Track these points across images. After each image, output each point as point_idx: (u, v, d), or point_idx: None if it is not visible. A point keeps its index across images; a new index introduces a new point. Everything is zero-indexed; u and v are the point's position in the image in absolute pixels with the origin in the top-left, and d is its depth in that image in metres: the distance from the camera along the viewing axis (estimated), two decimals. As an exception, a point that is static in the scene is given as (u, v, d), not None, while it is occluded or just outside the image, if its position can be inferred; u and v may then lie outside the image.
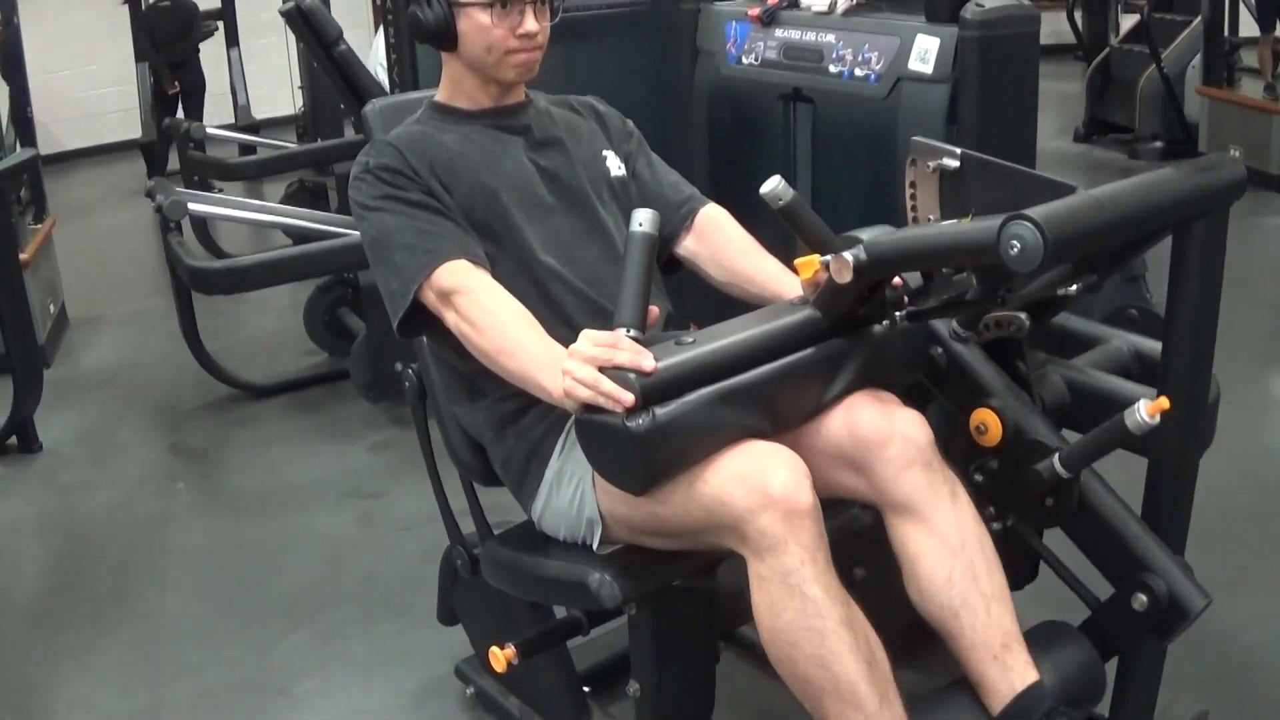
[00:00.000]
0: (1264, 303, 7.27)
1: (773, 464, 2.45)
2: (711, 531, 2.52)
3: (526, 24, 2.94)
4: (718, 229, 3.18)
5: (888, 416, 2.67)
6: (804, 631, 2.42)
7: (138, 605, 4.56)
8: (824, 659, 2.42)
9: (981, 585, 2.60)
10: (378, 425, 6.08)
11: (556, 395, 2.53)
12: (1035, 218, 2.12)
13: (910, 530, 2.64)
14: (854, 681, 2.41)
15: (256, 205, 7.14)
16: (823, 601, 2.42)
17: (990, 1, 3.45)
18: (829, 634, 2.41)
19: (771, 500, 2.40)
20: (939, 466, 2.67)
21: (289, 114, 13.04)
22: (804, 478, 2.46)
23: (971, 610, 2.58)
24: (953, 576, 2.60)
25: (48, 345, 7.26)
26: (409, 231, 2.82)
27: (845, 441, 2.68)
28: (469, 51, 2.99)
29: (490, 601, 3.30)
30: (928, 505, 2.63)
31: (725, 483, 2.45)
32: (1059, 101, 12.55)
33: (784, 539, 2.41)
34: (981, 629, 2.57)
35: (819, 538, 2.44)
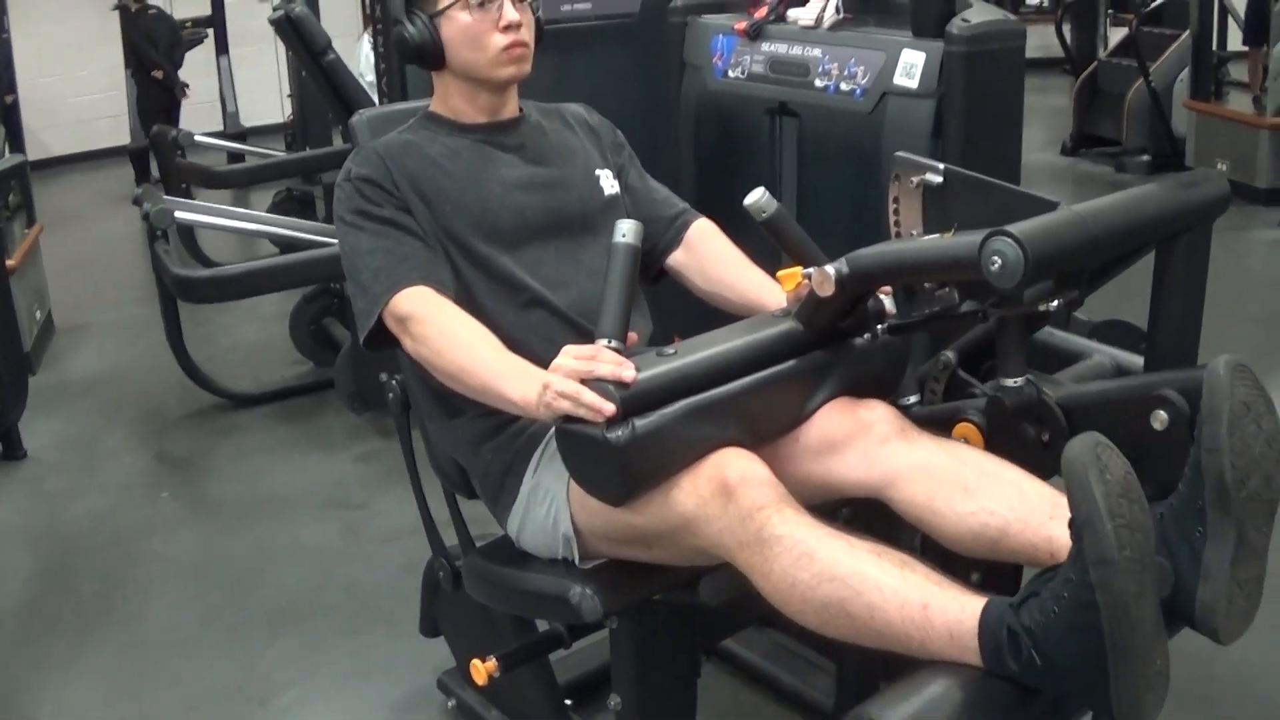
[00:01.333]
0: (1249, 317, 7.29)
1: (730, 457, 2.45)
2: (687, 537, 2.50)
3: (506, 14, 2.93)
4: (706, 241, 3.18)
5: (853, 411, 2.66)
6: (816, 570, 2.27)
7: (121, 613, 4.55)
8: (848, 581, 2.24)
9: (1004, 475, 2.49)
10: (362, 436, 6.07)
11: (522, 403, 2.53)
12: (1016, 234, 2.12)
13: (914, 488, 2.53)
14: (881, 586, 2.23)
15: (243, 214, 7.15)
16: (819, 538, 2.30)
17: (976, 16, 3.45)
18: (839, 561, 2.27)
19: (733, 485, 2.38)
20: (914, 431, 2.62)
21: (278, 122, 13.05)
22: (760, 464, 2.45)
23: (1005, 499, 2.45)
24: (969, 485, 2.48)
25: (34, 352, 7.25)
26: (378, 253, 2.82)
27: (816, 435, 2.67)
28: (459, 58, 2.98)
29: (472, 614, 3.29)
30: (917, 459, 2.55)
31: (700, 484, 2.44)
32: (1047, 115, 12.58)
33: (758, 506, 2.35)
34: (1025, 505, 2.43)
35: (783, 497, 2.38)
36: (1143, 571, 1.98)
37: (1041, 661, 2.04)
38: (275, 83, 13.69)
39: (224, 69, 13.20)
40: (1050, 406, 2.59)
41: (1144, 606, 1.98)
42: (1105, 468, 1.98)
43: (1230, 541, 2.17)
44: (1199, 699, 3.59)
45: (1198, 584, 2.19)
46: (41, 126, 13.23)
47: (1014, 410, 2.60)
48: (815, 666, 3.57)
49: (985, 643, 2.11)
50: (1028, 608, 2.07)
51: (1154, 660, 2.03)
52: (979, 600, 2.15)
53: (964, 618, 2.14)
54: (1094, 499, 1.95)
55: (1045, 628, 2.03)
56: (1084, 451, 1.99)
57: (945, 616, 2.16)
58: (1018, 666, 2.06)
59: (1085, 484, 1.96)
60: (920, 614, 2.17)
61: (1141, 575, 1.98)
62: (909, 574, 2.23)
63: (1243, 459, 2.15)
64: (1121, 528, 1.96)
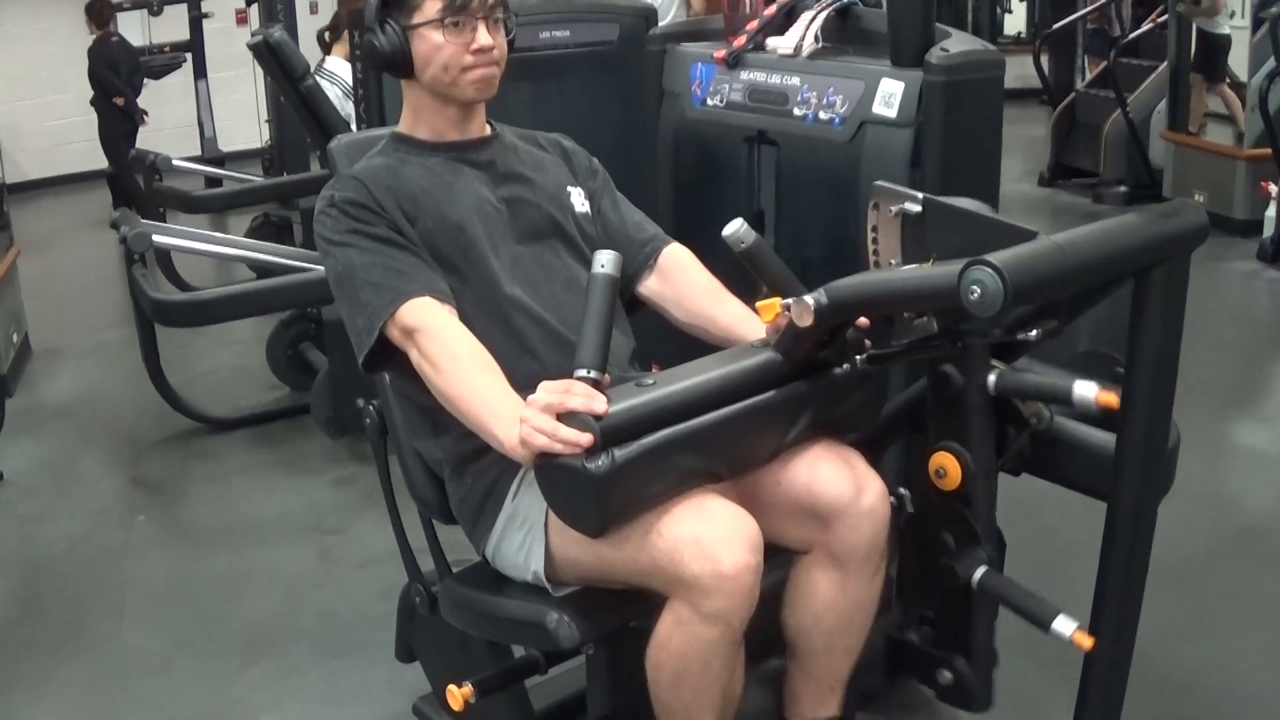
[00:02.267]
0: (1226, 348, 7.32)
1: (730, 538, 2.48)
2: (656, 580, 2.56)
3: (480, 39, 2.93)
4: (681, 270, 3.18)
5: (855, 485, 2.71)
6: (689, 683, 2.62)
7: (95, 637, 4.54)
8: (691, 707, 2.66)
9: (848, 640, 2.86)
10: (339, 460, 6.07)
11: (509, 447, 2.53)
12: (996, 263, 2.12)
13: (827, 577, 2.79)
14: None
15: (221, 238, 7.12)
16: (719, 674, 2.61)
17: (955, 46, 3.45)
18: (706, 695, 2.63)
19: (723, 579, 2.45)
20: (883, 541, 2.77)
21: (256, 147, 13.05)
22: (757, 554, 2.50)
23: (830, 656, 2.88)
24: (836, 628, 2.83)
25: (10, 375, 7.23)
26: (374, 268, 2.81)
27: (805, 498, 2.73)
28: (426, 74, 2.98)
29: (448, 640, 3.28)
30: (858, 569, 2.77)
31: (680, 542, 2.47)
32: (1024, 145, 12.63)
33: (719, 617, 2.49)
34: (828, 670, 2.90)
35: (749, 614, 2.53)
36: None
37: None
38: (253, 108, 13.70)
39: (202, 94, 13.19)
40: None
41: None
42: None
43: None
44: None
45: None
46: (18, 149, 13.21)
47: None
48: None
49: None
50: None
51: None
52: None
53: None
54: None
55: None
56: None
57: None
58: None
59: None
60: None
61: None
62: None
63: None
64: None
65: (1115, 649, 2.60)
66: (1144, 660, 2.74)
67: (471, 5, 2.92)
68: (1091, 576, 2.58)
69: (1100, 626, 2.57)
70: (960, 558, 2.69)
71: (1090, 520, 2.62)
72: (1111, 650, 2.60)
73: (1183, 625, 4.10)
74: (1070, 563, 2.82)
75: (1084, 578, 2.60)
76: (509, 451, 2.54)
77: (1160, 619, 2.64)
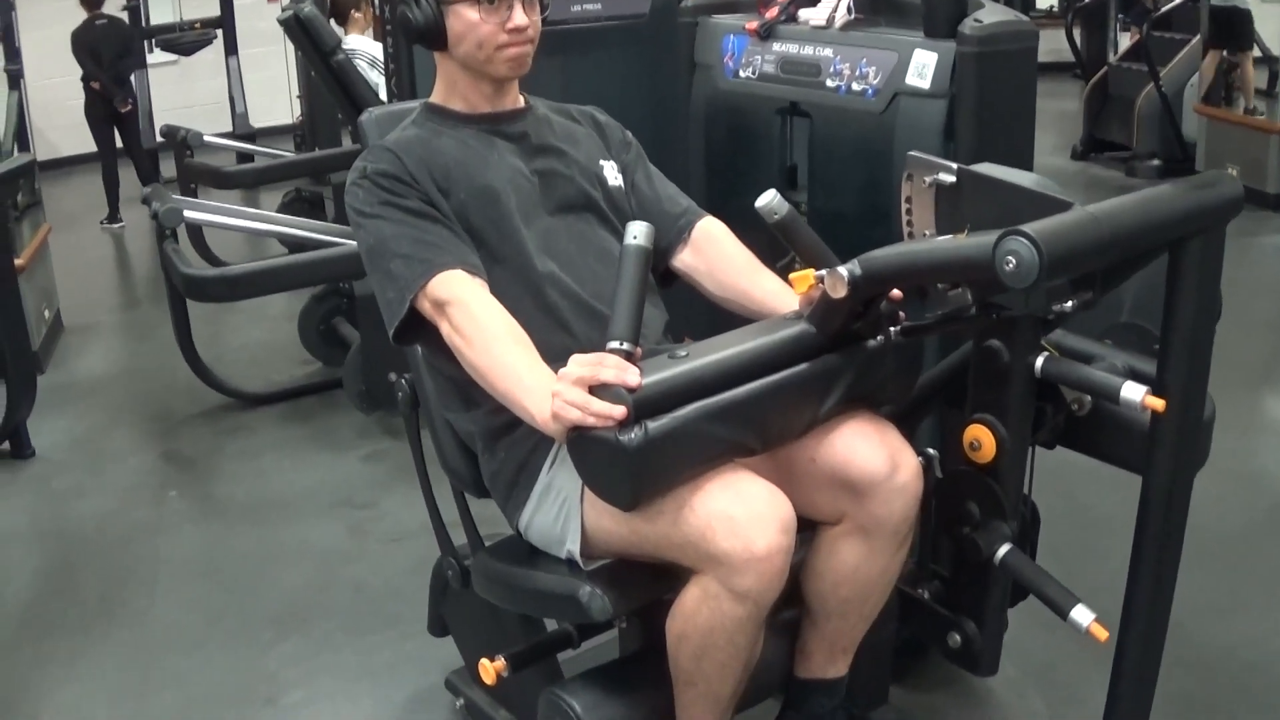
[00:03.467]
0: (1260, 323, 7.28)
1: (763, 519, 2.47)
2: (687, 555, 2.55)
3: (515, 18, 2.91)
4: (715, 244, 3.16)
5: (891, 461, 2.70)
6: (713, 657, 2.63)
7: (127, 613, 4.55)
8: (712, 678, 2.67)
9: (866, 608, 2.88)
10: (371, 435, 6.07)
11: (540, 420, 2.52)
12: (1031, 233, 2.10)
13: (854, 548, 2.79)
14: (721, 697, 2.71)
15: (252, 214, 7.14)
16: (743, 649, 2.63)
17: (988, 17, 3.43)
18: (728, 668, 2.65)
19: (754, 560, 2.45)
20: (914, 516, 2.78)
21: (287, 123, 13.06)
22: (790, 535, 2.50)
23: (845, 620, 2.89)
24: (855, 596, 2.84)
25: (42, 351, 7.26)
26: (406, 240, 2.80)
27: (840, 472, 2.71)
28: (460, 50, 2.96)
29: (481, 613, 3.28)
30: (885, 541, 2.76)
31: (713, 519, 2.46)
32: (1057, 119, 12.57)
33: (749, 595, 2.50)
34: (842, 633, 2.92)
35: (776, 594, 2.54)
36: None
37: None
38: (285, 83, 13.70)
39: (233, 70, 13.21)
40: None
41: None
42: None
43: None
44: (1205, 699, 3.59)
45: None
46: (49, 127, 13.24)
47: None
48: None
49: None
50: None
51: None
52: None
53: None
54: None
55: None
56: None
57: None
58: None
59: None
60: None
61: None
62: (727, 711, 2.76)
63: None
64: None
65: (1149, 623, 2.59)
66: (1177, 634, 2.73)
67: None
68: (1124, 551, 2.57)
69: (1134, 601, 2.56)
70: (985, 532, 2.68)
71: (1123, 495, 2.61)
72: (1146, 624, 2.58)
73: (1217, 600, 4.08)
74: (1104, 537, 2.81)
75: (1116, 551, 2.59)
76: (541, 425, 2.53)
77: (1194, 594, 2.63)
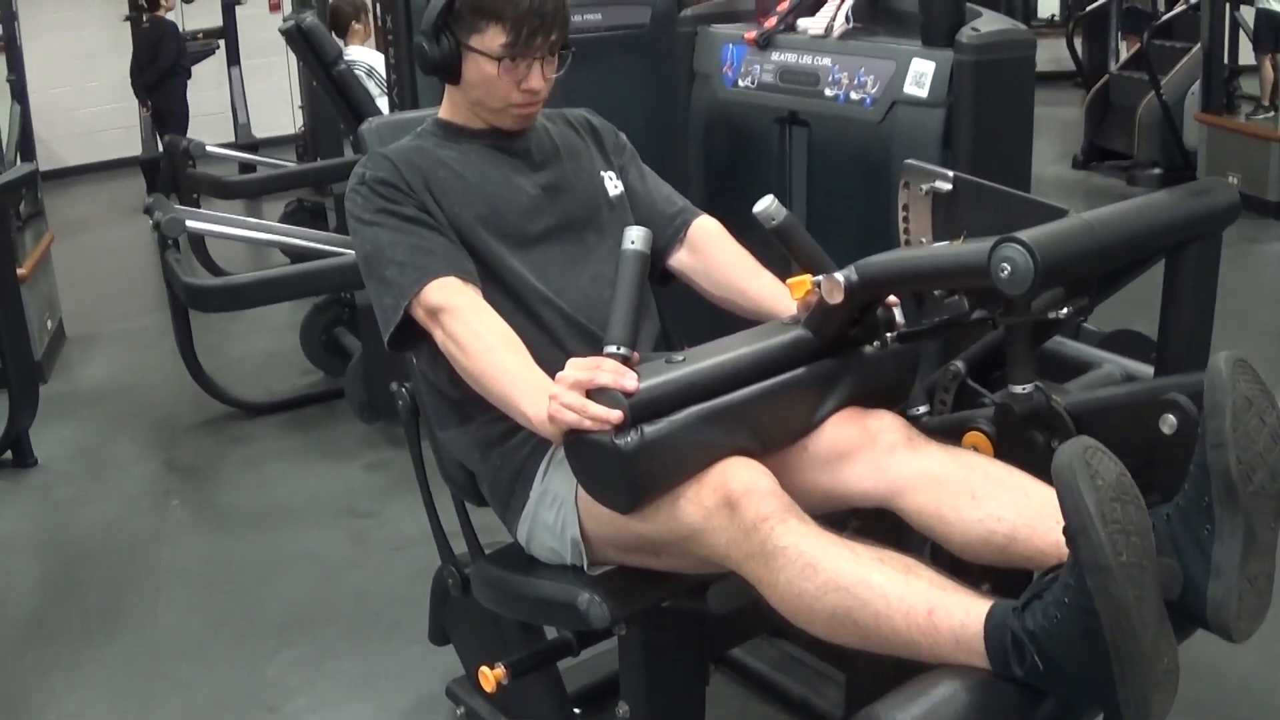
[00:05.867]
0: (1260, 329, 7.27)
1: (735, 467, 2.46)
2: (694, 548, 2.52)
3: (532, 80, 2.91)
4: (712, 242, 3.17)
5: (861, 421, 2.67)
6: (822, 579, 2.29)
7: (130, 620, 4.56)
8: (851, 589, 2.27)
9: (1011, 481, 2.51)
10: (373, 444, 6.07)
11: (537, 422, 2.53)
12: (1026, 240, 2.12)
13: (922, 497, 2.54)
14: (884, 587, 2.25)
15: (255, 224, 7.13)
16: (824, 545, 2.32)
17: (986, 26, 3.45)
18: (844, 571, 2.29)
19: (730, 493, 2.41)
20: (921, 439, 2.63)
21: (289, 133, 13.06)
22: (765, 474, 2.46)
23: (1012, 504, 2.46)
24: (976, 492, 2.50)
25: (44, 360, 7.26)
26: (401, 247, 2.81)
27: (826, 446, 2.69)
28: (471, 95, 2.97)
29: (481, 621, 3.29)
30: (923, 467, 2.56)
31: (703, 494, 2.46)
32: (1058, 128, 12.57)
33: (765, 515, 2.37)
34: (1032, 510, 2.43)
35: (788, 507, 2.40)
36: (1142, 574, 1.99)
37: (1046, 666, 2.05)
38: (287, 94, 13.71)
39: (235, 80, 13.21)
40: (1059, 413, 2.58)
41: (1145, 609, 1.99)
42: (1096, 472, 1.98)
43: (1239, 538, 2.17)
44: (1208, 703, 3.59)
45: (1208, 582, 2.20)
46: (52, 137, 13.24)
47: (1023, 417, 2.59)
48: (824, 676, 3.56)
49: (991, 648, 2.12)
50: (1031, 612, 2.08)
51: (1160, 660, 2.04)
52: (984, 604, 2.17)
53: (969, 622, 2.16)
54: (1085, 505, 1.95)
55: (1048, 633, 2.04)
56: (1073, 457, 1.98)
57: (950, 622, 2.17)
58: (1023, 672, 2.08)
59: (1075, 490, 1.96)
60: (925, 620, 2.19)
61: (1141, 578, 1.98)
62: (914, 580, 2.25)
63: (1248, 453, 2.15)
64: (1116, 533, 1.96)
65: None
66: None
67: (535, 43, 2.88)
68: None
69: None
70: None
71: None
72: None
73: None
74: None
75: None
76: (537, 427, 2.54)
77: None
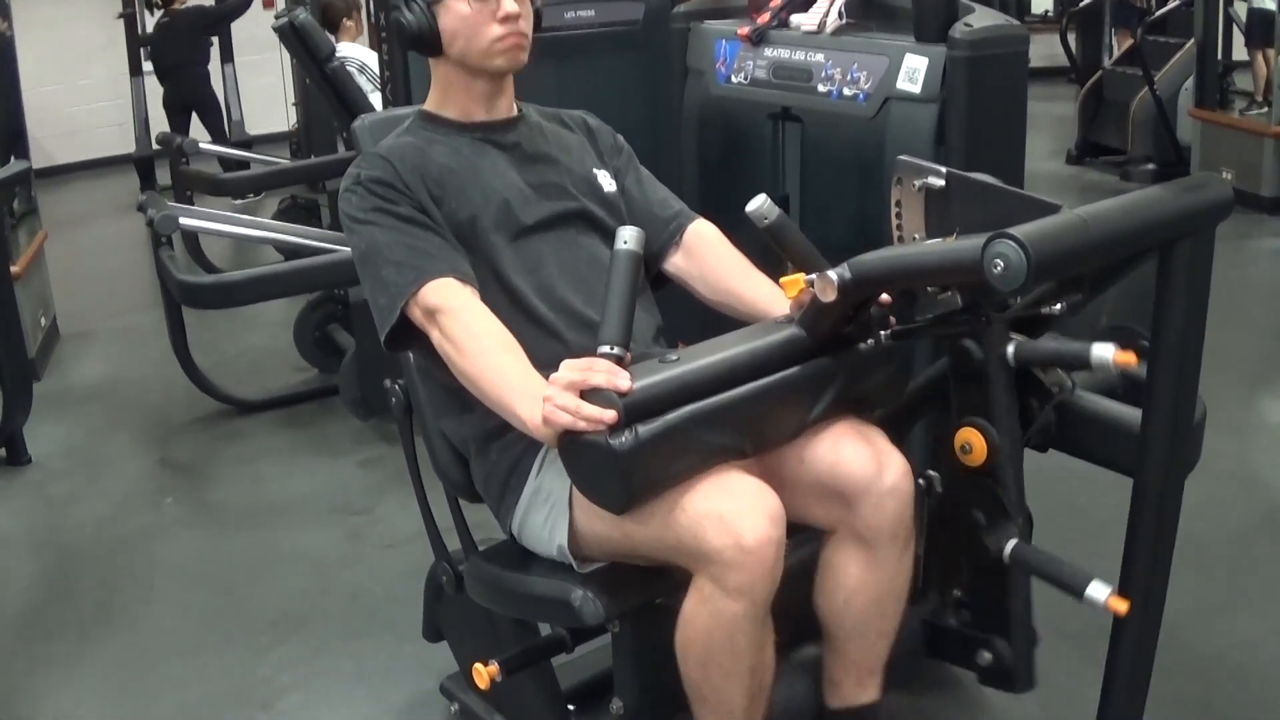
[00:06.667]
0: (1253, 325, 7.29)
1: (751, 512, 2.47)
2: (679, 556, 2.56)
3: (505, 5, 2.93)
4: (707, 247, 3.17)
5: (877, 462, 2.71)
6: (717, 662, 2.59)
7: (124, 618, 4.56)
8: (720, 688, 2.63)
9: (882, 623, 2.85)
10: (367, 441, 6.08)
11: (532, 425, 2.53)
12: (1019, 236, 2.11)
13: (855, 558, 2.78)
14: (734, 711, 2.66)
15: (248, 220, 7.13)
16: (745, 651, 2.58)
17: (979, 21, 3.44)
18: (734, 674, 2.60)
19: (744, 553, 2.44)
20: (909, 519, 2.76)
21: (283, 130, 13.07)
22: (779, 527, 2.49)
23: (865, 639, 2.86)
24: (868, 610, 2.82)
25: (38, 358, 7.26)
26: (397, 247, 2.81)
27: (828, 477, 2.72)
28: (455, 47, 2.98)
29: (475, 618, 3.29)
30: (885, 549, 2.76)
31: (704, 518, 2.47)
32: (1052, 124, 12.58)
33: (743, 591, 2.48)
34: (864, 654, 2.88)
35: (773, 588, 2.51)
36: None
37: None
38: (280, 91, 13.70)
39: (229, 77, 13.21)
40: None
41: None
42: None
43: None
44: (1199, 701, 3.60)
45: None
46: (45, 135, 13.23)
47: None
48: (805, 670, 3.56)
49: None
50: None
51: None
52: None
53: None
54: None
55: None
56: None
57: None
58: None
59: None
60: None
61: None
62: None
63: None
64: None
65: (1142, 626, 2.60)
66: (1171, 637, 2.73)
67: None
68: (1119, 553, 2.58)
69: (1128, 602, 2.56)
70: (991, 532, 2.68)
71: (1118, 497, 2.61)
72: (1139, 627, 2.59)
73: (1210, 602, 4.08)
74: (1099, 540, 2.81)
75: (1113, 555, 2.59)
76: (532, 431, 2.54)
77: (1187, 596, 2.63)
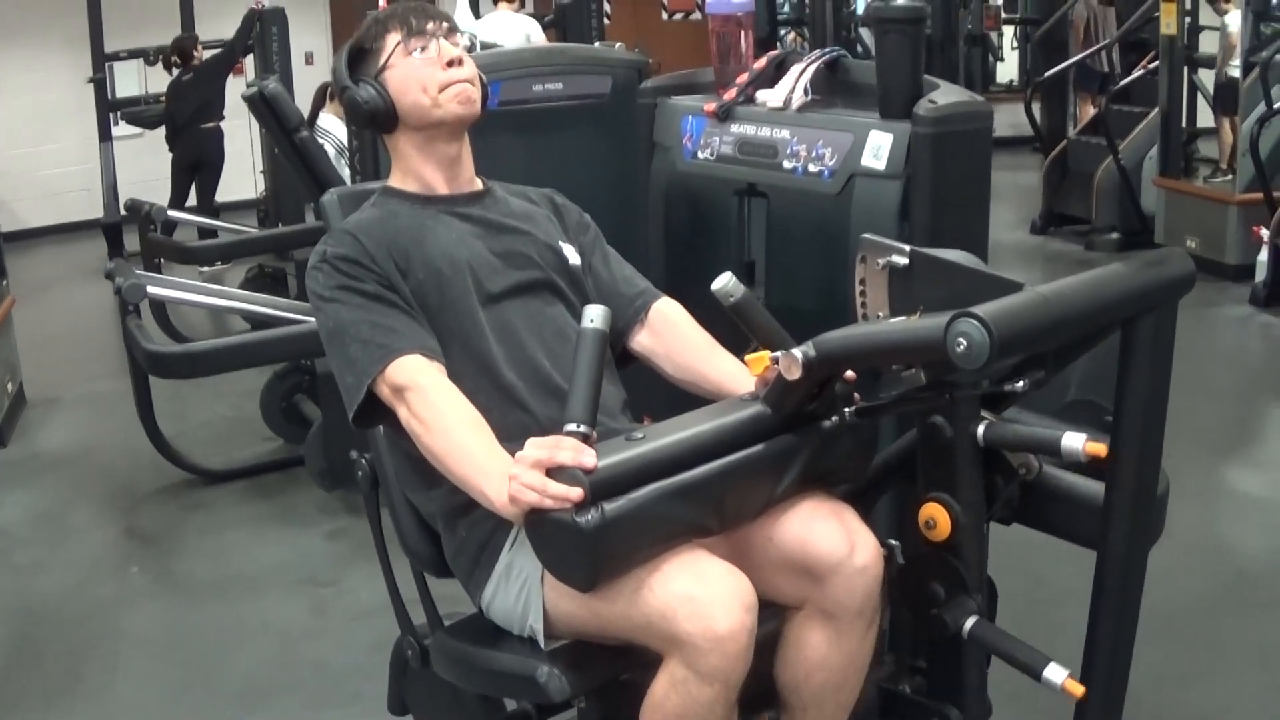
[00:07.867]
0: (1219, 393, 7.34)
1: (724, 598, 2.48)
2: (650, 637, 2.55)
3: (445, 51, 3.00)
4: (672, 326, 3.19)
5: (849, 541, 2.71)
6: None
7: (89, 688, 4.53)
8: None
9: (841, 696, 2.84)
10: (332, 513, 6.06)
11: (499, 503, 2.53)
12: (981, 315, 2.13)
13: (820, 633, 2.78)
14: None
15: (215, 290, 7.14)
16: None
17: (943, 98, 3.47)
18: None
19: (717, 640, 2.45)
20: (877, 596, 2.76)
21: (251, 198, 13.08)
22: (752, 614, 2.50)
23: (824, 711, 2.84)
24: (829, 684, 2.81)
25: (4, 424, 7.25)
26: (364, 325, 2.81)
27: (798, 555, 2.72)
28: (407, 102, 3.00)
29: (440, 692, 3.27)
30: (851, 625, 2.76)
31: (673, 600, 2.47)
32: (1017, 193, 12.65)
33: (715, 676, 2.48)
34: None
35: (744, 672, 2.52)
36: None
37: None
38: (249, 159, 13.72)
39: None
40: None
41: None
42: None
43: None
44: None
45: None
46: (14, 198, 13.25)
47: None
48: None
49: None
50: None
51: None
52: None
53: None
54: None
55: None
56: None
57: None
58: None
59: None
60: None
61: None
62: None
63: None
64: None
65: (1107, 697, 2.60)
66: (1137, 708, 2.74)
67: (427, 26, 3.01)
68: (1083, 623, 2.59)
69: (1091, 675, 2.57)
70: (951, 608, 2.68)
71: (1081, 568, 2.63)
72: (1103, 698, 2.59)
73: (1176, 672, 4.10)
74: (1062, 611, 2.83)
75: (1076, 625, 2.61)
76: (499, 509, 2.54)
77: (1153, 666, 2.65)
